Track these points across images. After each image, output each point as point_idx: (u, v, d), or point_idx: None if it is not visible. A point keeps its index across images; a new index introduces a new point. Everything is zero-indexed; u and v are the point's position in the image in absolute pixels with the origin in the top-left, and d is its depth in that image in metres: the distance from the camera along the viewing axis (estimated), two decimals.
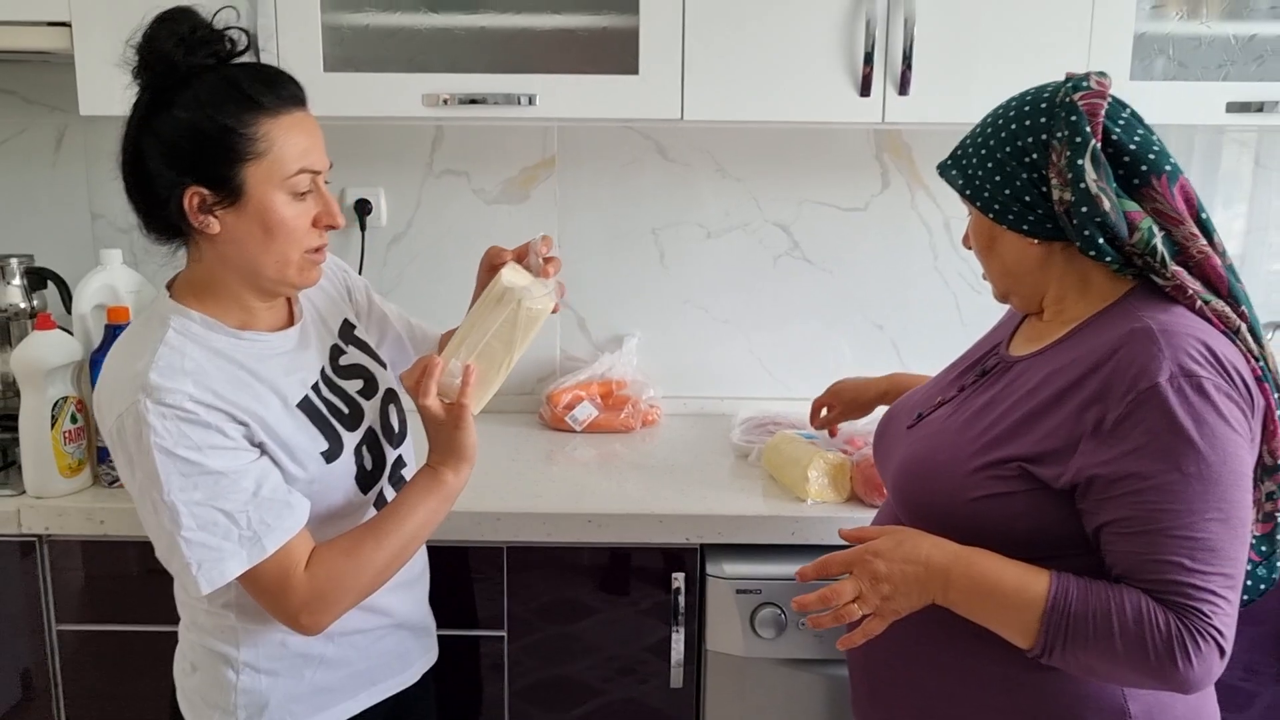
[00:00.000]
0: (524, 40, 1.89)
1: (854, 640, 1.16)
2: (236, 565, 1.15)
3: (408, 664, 1.42)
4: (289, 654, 1.28)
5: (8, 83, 2.18)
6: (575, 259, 2.25)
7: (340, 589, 1.19)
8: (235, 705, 1.28)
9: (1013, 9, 1.79)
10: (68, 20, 1.79)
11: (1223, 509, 1.03)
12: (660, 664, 1.72)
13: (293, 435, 1.22)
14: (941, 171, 1.25)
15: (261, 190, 1.15)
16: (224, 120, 1.13)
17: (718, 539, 1.68)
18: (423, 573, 1.47)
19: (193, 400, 1.13)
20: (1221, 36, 1.89)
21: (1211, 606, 1.03)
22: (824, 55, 1.80)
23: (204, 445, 1.13)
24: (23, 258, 2.07)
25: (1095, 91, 1.13)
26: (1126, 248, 1.12)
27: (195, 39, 1.14)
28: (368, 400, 1.35)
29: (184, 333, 1.18)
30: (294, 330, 1.30)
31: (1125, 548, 1.06)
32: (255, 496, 1.16)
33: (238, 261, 1.19)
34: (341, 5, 1.85)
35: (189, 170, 1.14)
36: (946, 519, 1.18)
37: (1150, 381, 1.04)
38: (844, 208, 2.23)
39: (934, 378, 1.43)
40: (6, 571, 1.71)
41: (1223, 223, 2.21)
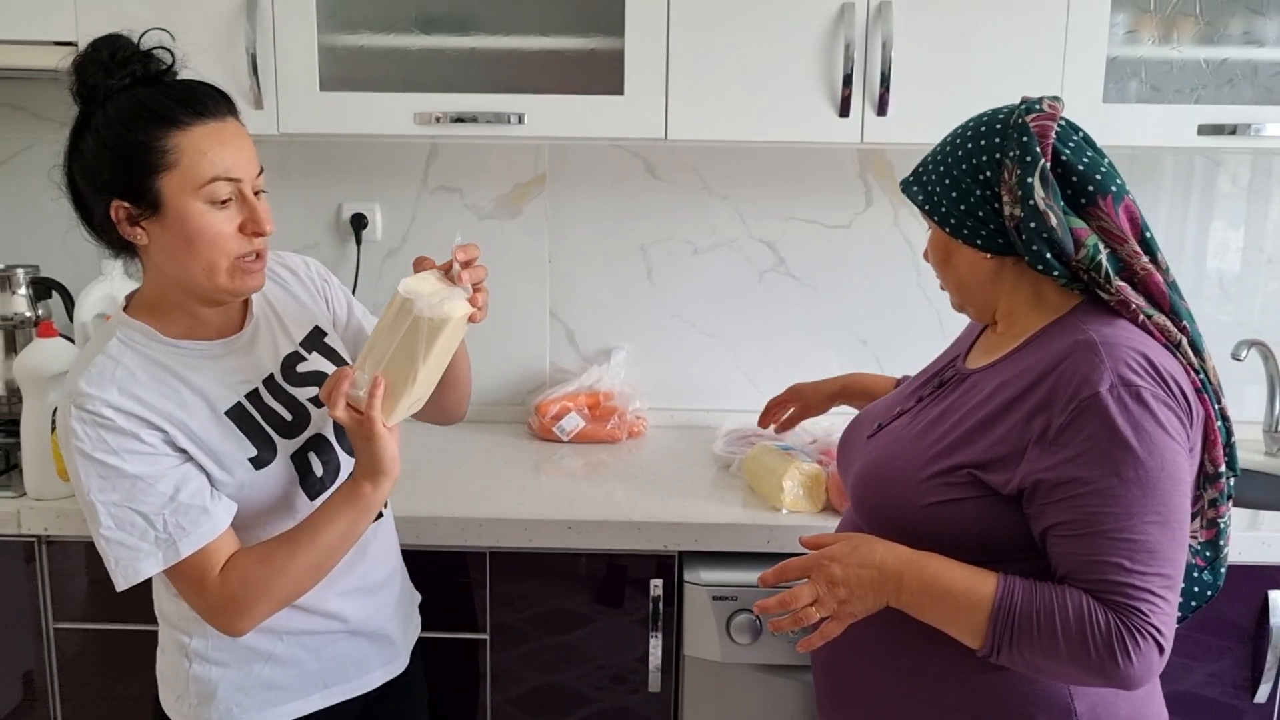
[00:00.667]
0: (513, 61, 1.95)
1: (813, 643, 1.21)
2: (151, 565, 1.20)
3: (365, 670, 1.42)
4: (237, 647, 1.32)
5: (17, 99, 2.25)
6: (565, 273, 2.31)
7: (252, 595, 1.22)
8: (188, 690, 1.34)
9: (989, 32, 1.84)
10: (74, 40, 1.85)
11: (1161, 512, 1.08)
12: (639, 669, 1.76)
13: (218, 441, 1.25)
14: (904, 188, 1.30)
15: (177, 199, 1.18)
16: (134, 136, 1.17)
17: (695, 546, 1.72)
18: (386, 583, 1.45)
19: (110, 407, 1.19)
20: (1193, 61, 1.93)
21: (1150, 605, 1.07)
22: (804, 77, 1.86)
23: (120, 450, 1.19)
24: (28, 268, 2.13)
25: (1046, 114, 1.19)
26: (1073, 263, 1.17)
27: (115, 62, 1.19)
28: (319, 408, 1.35)
29: (127, 342, 1.24)
30: (238, 338, 1.32)
31: (1068, 549, 1.11)
32: (172, 500, 1.20)
33: (170, 271, 1.23)
34: (337, 26, 1.91)
35: (107, 186, 1.19)
36: (902, 524, 1.22)
37: (1091, 390, 1.09)
38: (828, 225, 2.28)
39: (894, 392, 1.49)
40: (6, 571, 1.75)
41: (1220, 243, 2.28)
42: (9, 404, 2.10)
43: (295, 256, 1.48)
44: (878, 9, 1.82)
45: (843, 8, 1.82)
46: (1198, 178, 2.27)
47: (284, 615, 1.30)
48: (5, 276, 2.10)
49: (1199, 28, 1.93)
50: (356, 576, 1.38)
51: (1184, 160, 2.26)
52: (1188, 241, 2.30)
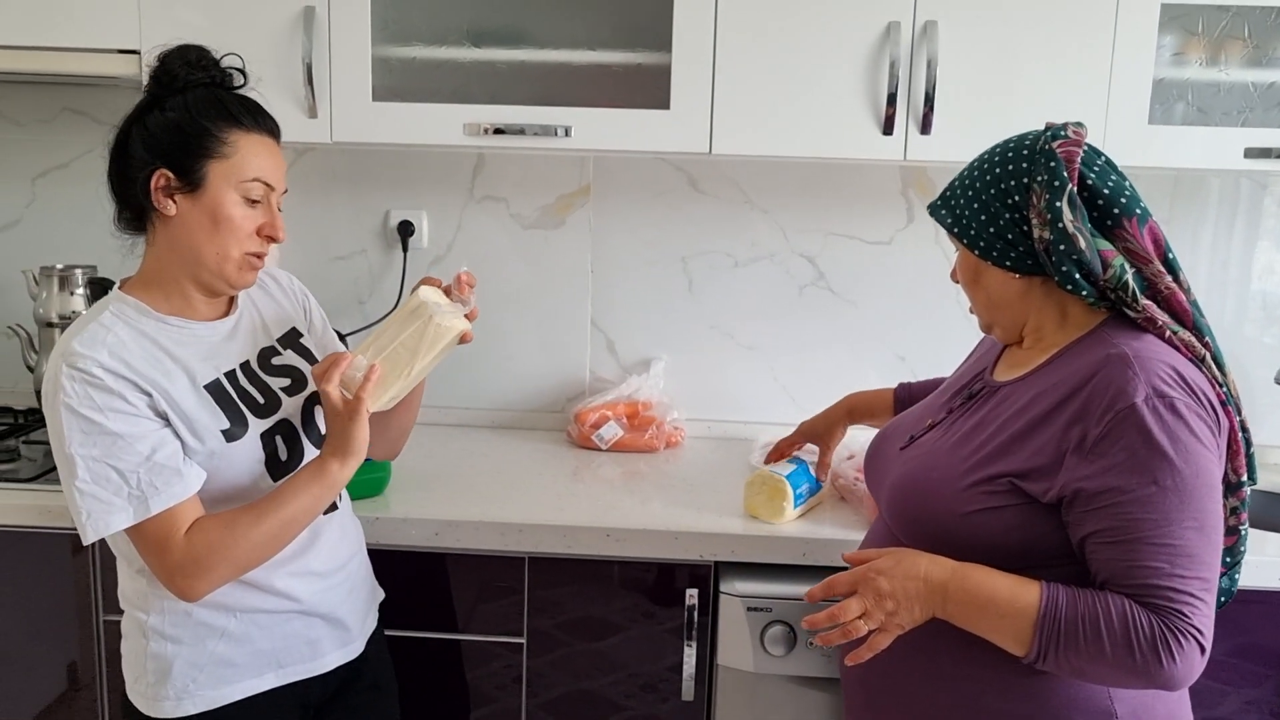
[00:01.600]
0: (561, 75, 1.98)
1: (861, 655, 1.23)
2: (122, 519, 1.26)
3: (319, 653, 1.46)
4: (192, 623, 1.36)
5: (79, 104, 2.31)
6: (606, 284, 2.34)
7: (213, 557, 1.27)
8: (146, 670, 1.38)
9: (1034, 52, 1.85)
10: (137, 48, 1.91)
11: (1198, 518, 1.12)
12: (672, 677, 1.78)
13: (195, 410, 1.32)
14: (932, 211, 1.34)
15: (218, 186, 1.31)
16: (202, 121, 1.31)
17: (731, 557, 1.73)
18: (343, 566, 1.49)
19: (101, 367, 1.26)
20: (1241, 83, 1.93)
21: (1190, 608, 1.10)
22: (849, 94, 1.87)
23: (105, 408, 1.25)
24: (86, 268, 2.19)
25: (1072, 140, 1.23)
26: (1100, 283, 1.22)
27: (198, 65, 1.34)
28: (290, 397, 1.44)
29: (119, 315, 1.33)
30: (223, 324, 1.42)
31: (1108, 555, 1.14)
32: (148, 460, 1.26)
33: (184, 246, 1.33)
34: (390, 39, 1.96)
35: (161, 155, 1.30)
36: (940, 533, 1.25)
37: (1127, 402, 1.13)
38: (869, 241, 2.29)
39: (920, 405, 1.51)
40: (60, 562, 1.80)
41: (1265, 266, 2.28)
42: None
43: (280, 271, 1.60)
44: (924, 28, 1.84)
45: (889, 26, 1.84)
46: (1243, 200, 2.26)
47: (237, 592, 1.36)
48: (64, 276, 2.17)
49: (1247, 50, 1.92)
50: (306, 560, 1.43)
51: (1230, 183, 2.25)
52: (1232, 264, 2.29)
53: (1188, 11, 1.89)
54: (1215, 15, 1.90)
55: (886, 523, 1.39)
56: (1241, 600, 1.68)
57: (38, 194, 2.36)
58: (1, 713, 1.86)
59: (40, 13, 1.90)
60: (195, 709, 1.37)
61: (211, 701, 1.38)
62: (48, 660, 1.84)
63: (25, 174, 2.35)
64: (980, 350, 1.52)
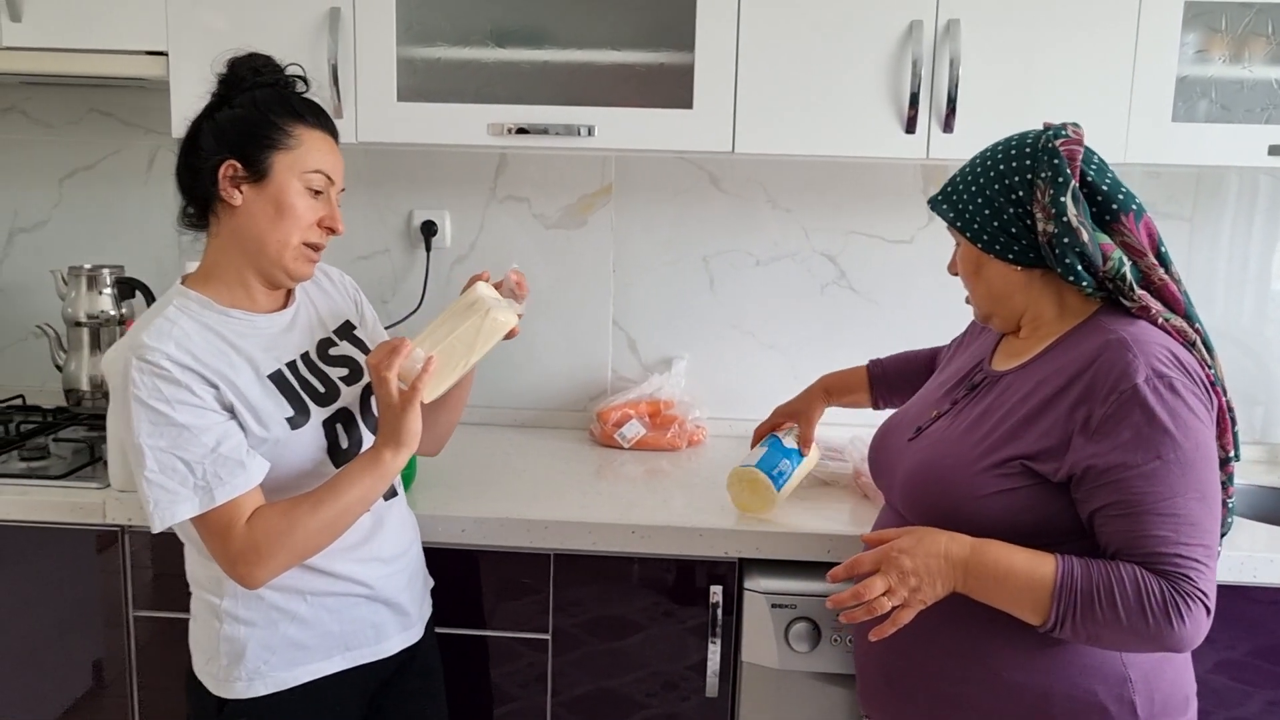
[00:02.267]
0: (585, 74, 1.99)
1: (885, 630, 1.26)
2: (187, 509, 1.29)
3: (383, 636, 1.50)
4: (265, 606, 1.40)
5: (107, 106, 2.34)
6: (628, 283, 2.35)
7: (272, 546, 1.31)
8: (219, 651, 1.41)
9: (1057, 50, 1.85)
10: (165, 50, 1.93)
11: (1199, 489, 1.19)
12: (695, 674, 1.79)
13: (260, 400, 1.37)
14: (933, 205, 1.39)
15: (283, 176, 1.37)
16: (269, 115, 1.37)
17: (755, 554, 1.74)
18: (400, 557, 1.53)
19: (169, 360, 1.30)
20: (1265, 80, 1.92)
21: (1196, 572, 1.17)
22: (871, 93, 1.88)
23: (173, 400, 1.29)
24: (114, 268, 2.22)
25: (1073, 139, 1.29)
26: (1100, 274, 1.28)
27: (264, 69, 1.41)
28: (348, 386, 1.49)
29: (183, 309, 1.37)
30: (282, 316, 1.46)
31: (1117, 527, 1.20)
32: (214, 452, 1.30)
33: (248, 235, 1.38)
34: (415, 39, 1.97)
35: (230, 146, 1.36)
36: (956, 516, 1.29)
37: (1130, 383, 1.20)
38: (890, 240, 2.29)
39: (917, 400, 1.57)
40: (90, 559, 1.82)
41: None
42: (94, 399, 2.18)
43: (332, 267, 1.64)
44: (946, 27, 1.84)
45: (911, 25, 1.84)
46: (1263, 197, 2.26)
47: (308, 577, 1.40)
48: (92, 276, 2.19)
49: (1271, 48, 1.92)
50: (373, 546, 1.47)
51: (1249, 180, 2.25)
52: (1251, 261, 2.28)
53: (1211, 9, 1.89)
54: (1239, 12, 1.90)
55: (899, 512, 1.43)
56: (1263, 600, 1.69)
57: (65, 195, 2.38)
58: (28, 710, 1.88)
59: (68, 15, 1.92)
60: (266, 689, 1.41)
61: (281, 683, 1.42)
62: (74, 658, 1.86)
63: (53, 175, 2.38)
64: (971, 340, 1.58)
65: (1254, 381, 2.31)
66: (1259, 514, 2.06)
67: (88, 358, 2.18)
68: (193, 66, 1.92)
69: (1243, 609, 1.69)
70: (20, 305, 2.42)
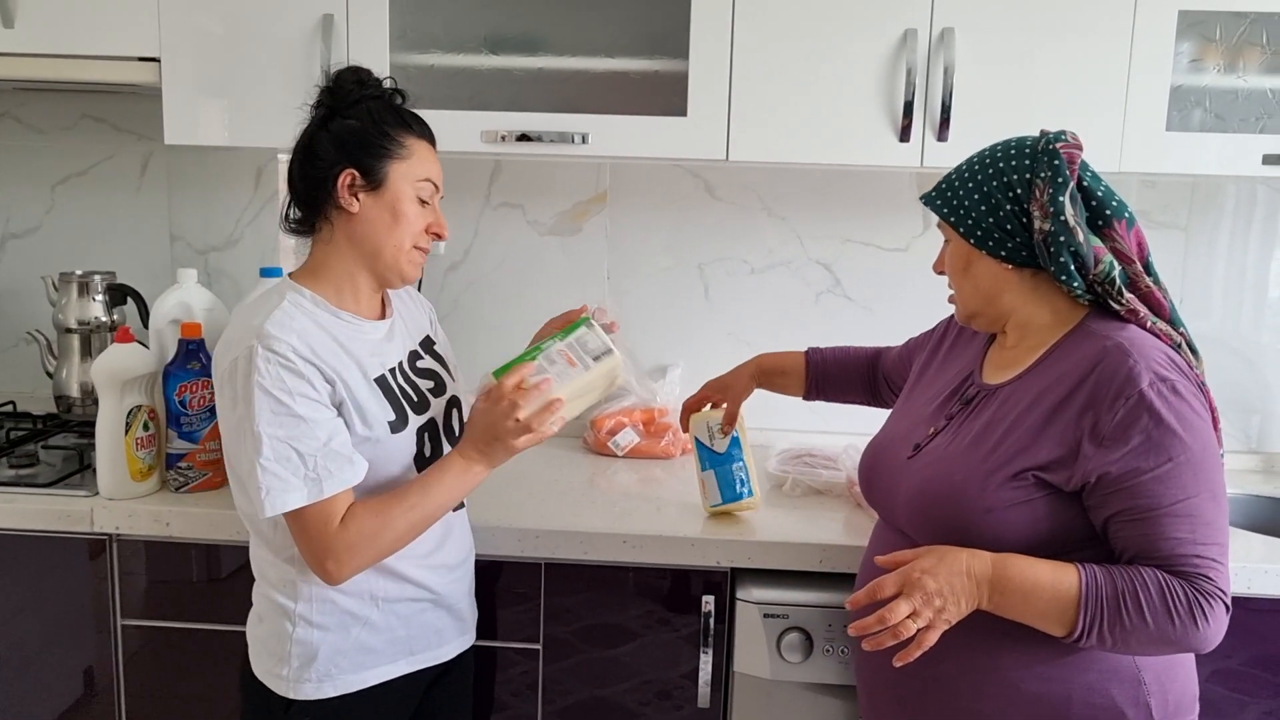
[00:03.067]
0: (579, 82, 1.98)
1: (911, 654, 1.24)
2: (297, 499, 1.32)
3: (443, 641, 1.55)
4: (339, 611, 1.43)
5: (100, 112, 2.33)
6: (623, 291, 2.34)
7: (364, 543, 1.35)
8: (290, 654, 1.43)
9: (1051, 59, 1.85)
10: (157, 56, 1.92)
11: (1210, 487, 1.21)
12: (688, 684, 1.77)
13: (367, 400, 1.40)
14: (926, 201, 1.41)
15: (398, 184, 1.42)
16: (383, 126, 1.42)
17: (748, 564, 1.73)
18: (466, 560, 1.60)
19: (294, 351, 1.33)
20: (1259, 90, 1.92)
21: (1214, 570, 1.19)
22: (865, 101, 1.88)
23: (295, 391, 1.32)
24: (105, 274, 2.21)
25: (1072, 144, 1.31)
26: (1090, 276, 1.29)
27: (368, 82, 1.46)
28: (435, 398, 1.53)
29: (296, 305, 1.40)
30: (384, 323, 1.51)
31: (1134, 532, 1.21)
32: (326, 446, 1.34)
33: (365, 240, 1.43)
34: (409, 46, 1.97)
35: (349, 156, 1.41)
36: (970, 532, 1.29)
37: (1135, 388, 1.21)
38: (885, 248, 2.29)
39: (903, 415, 1.54)
40: (78, 567, 1.81)
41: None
42: (84, 405, 2.17)
43: (410, 286, 1.64)
44: (940, 35, 1.84)
45: (906, 33, 1.84)
46: (1260, 207, 2.25)
47: (383, 582, 1.44)
48: (83, 282, 2.18)
49: (1265, 57, 1.91)
50: (442, 554, 1.52)
51: (1246, 189, 2.25)
52: (1249, 271, 2.28)
53: (1205, 18, 1.89)
54: (1233, 22, 1.90)
55: (902, 532, 1.41)
56: (1260, 610, 1.68)
57: (57, 201, 2.38)
58: (19, 717, 1.87)
59: (61, 21, 1.91)
60: (335, 692, 1.44)
61: (349, 685, 1.45)
62: (65, 665, 1.85)
63: (45, 181, 2.37)
64: (950, 351, 1.56)
65: (1250, 390, 2.30)
66: (1255, 524, 2.06)
67: (78, 364, 2.17)
68: (185, 72, 1.92)
69: (1239, 618, 1.66)
70: (11, 311, 2.41)
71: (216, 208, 2.35)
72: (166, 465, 1.85)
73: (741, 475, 1.79)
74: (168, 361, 1.84)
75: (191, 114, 1.94)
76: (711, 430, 1.81)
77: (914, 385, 1.59)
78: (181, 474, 1.83)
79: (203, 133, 1.96)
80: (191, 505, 1.78)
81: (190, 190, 2.36)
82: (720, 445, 1.80)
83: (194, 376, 1.81)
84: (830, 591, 1.70)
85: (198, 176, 2.35)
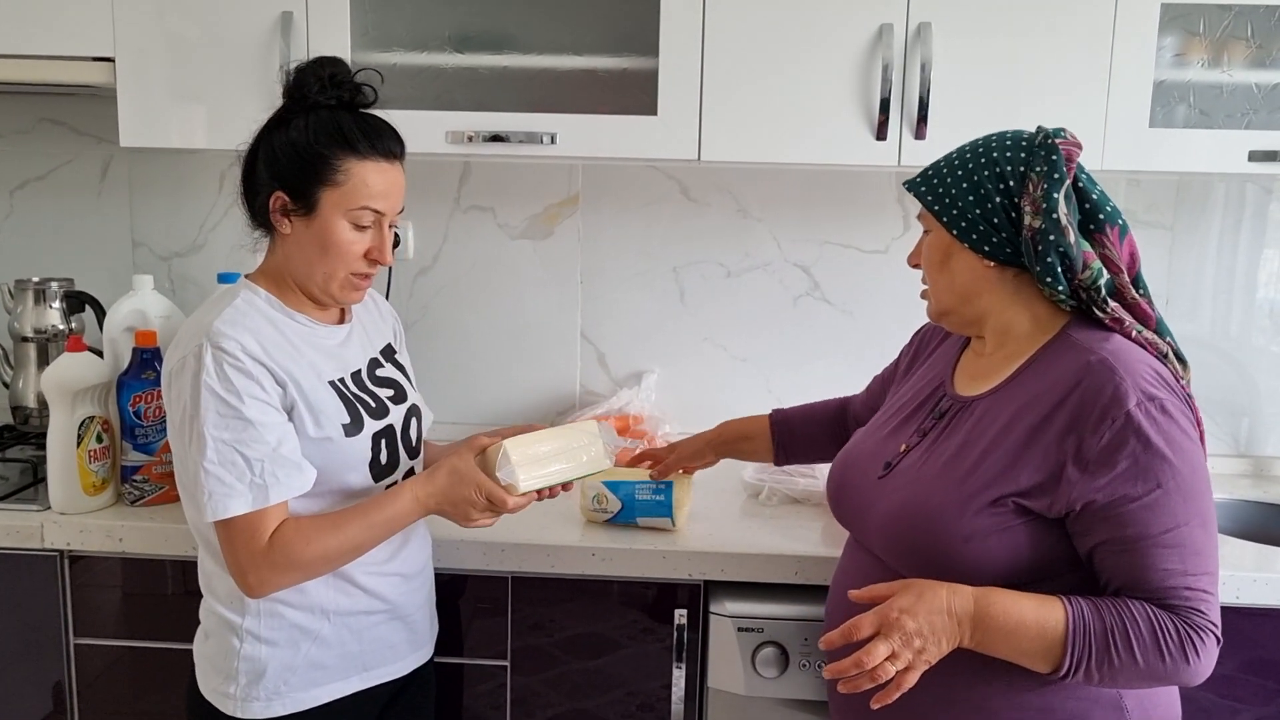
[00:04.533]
0: (546, 80, 1.93)
1: (889, 696, 1.17)
2: (240, 505, 1.28)
3: (398, 656, 1.50)
4: (288, 625, 1.38)
5: (58, 114, 2.27)
6: (597, 295, 2.29)
7: (290, 559, 1.30)
8: (237, 671, 1.38)
9: (1031, 54, 1.81)
10: (112, 56, 1.87)
11: (1200, 514, 1.16)
12: (662, 698, 1.72)
13: (321, 401, 1.37)
14: (910, 187, 1.33)
15: (329, 212, 1.35)
16: (319, 148, 1.34)
17: (720, 576, 1.68)
18: (424, 569, 1.56)
19: (244, 351, 1.29)
20: (1244, 85, 1.88)
21: (1204, 603, 1.15)
22: (840, 99, 1.83)
23: (244, 393, 1.28)
24: (63, 281, 2.15)
25: (1071, 141, 1.25)
26: (1075, 280, 1.23)
27: (332, 83, 1.36)
28: (395, 405, 1.49)
29: (250, 303, 1.37)
30: (341, 329, 1.47)
31: (1122, 562, 1.16)
32: (275, 452, 1.29)
33: (296, 263, 1.39)
34: (370, 44, 1.91)
35: (279, 176, 1.35)
36: (946, 560, 1.22)
37: (1122, 409, 1.15)
38: (865, 250, 2.24)
39: (872, 430, 1.46)
40: (28, 585, 1.75)
41: (1272, 273, 2.23)
42: (40, 417, 2.10)
43: (376, 293, 1.65)
44: (917, 30, 1.79)
45: (881, 29, 1.79)
46: (1249, 205, 2.21)
47: (333, 595, 1.40)
48: (40, 290, 2.12)
49: (1250, 51, 1.87)
50: (398, 562, 1.47)
51: (1235, 187, 2.20)
52: (1238, 271, 2.24)
53: (1188, 11, 1.84)
54: (1217, 15, 1.86)
55: (874, 555, 1.35)
56: (1252, 616, 1.64)
57: (16, 206, 2.32)
58: None
59: (13, 21, 1.86)
60: (285, 710, 1.39)
61: (300, 703, 1.40)
62: (32, 681, 1.79)
63: (3, 186, 2.31)
64: (920, 358, 1.51)
65: (1238, 393, 2.26)
66: (1244, 530, 2.02)
67: (35, 374, 2.10)
68: (141, 73, 1.87)
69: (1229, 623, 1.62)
70: None
71: (180, 212, 2.30)
72: (121, 478, 1.80)
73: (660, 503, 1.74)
74: (122, 370, 1.79)
75: (148, 115, 1.89)
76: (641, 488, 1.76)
77: (891, 397, 1.53)
78: (137, 487, 1.78)
79: (160, 134, 1.91)
80: (145, 520, 1.73)
81: (153, 194, 2.30)
82: (643, 493, 1.75)
83: (149, 386, 1.75)
84: (806, 604, 1.65)
85: (160, 180, 2.29)
